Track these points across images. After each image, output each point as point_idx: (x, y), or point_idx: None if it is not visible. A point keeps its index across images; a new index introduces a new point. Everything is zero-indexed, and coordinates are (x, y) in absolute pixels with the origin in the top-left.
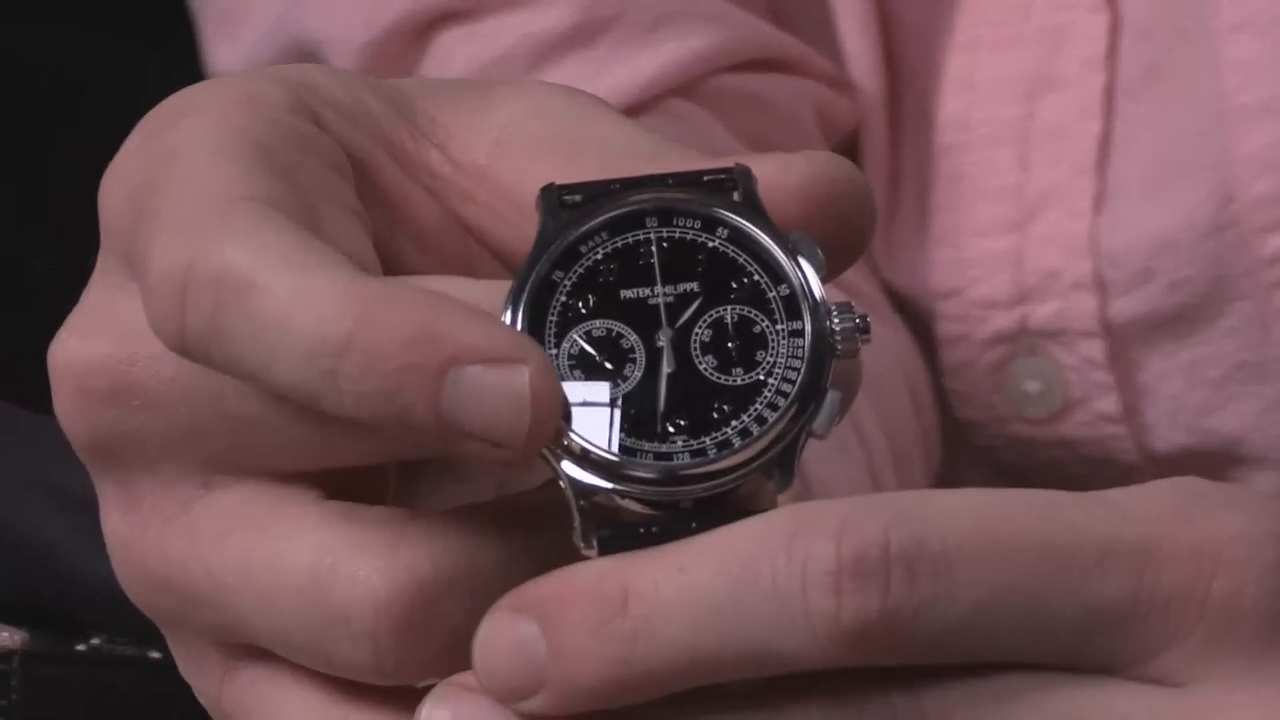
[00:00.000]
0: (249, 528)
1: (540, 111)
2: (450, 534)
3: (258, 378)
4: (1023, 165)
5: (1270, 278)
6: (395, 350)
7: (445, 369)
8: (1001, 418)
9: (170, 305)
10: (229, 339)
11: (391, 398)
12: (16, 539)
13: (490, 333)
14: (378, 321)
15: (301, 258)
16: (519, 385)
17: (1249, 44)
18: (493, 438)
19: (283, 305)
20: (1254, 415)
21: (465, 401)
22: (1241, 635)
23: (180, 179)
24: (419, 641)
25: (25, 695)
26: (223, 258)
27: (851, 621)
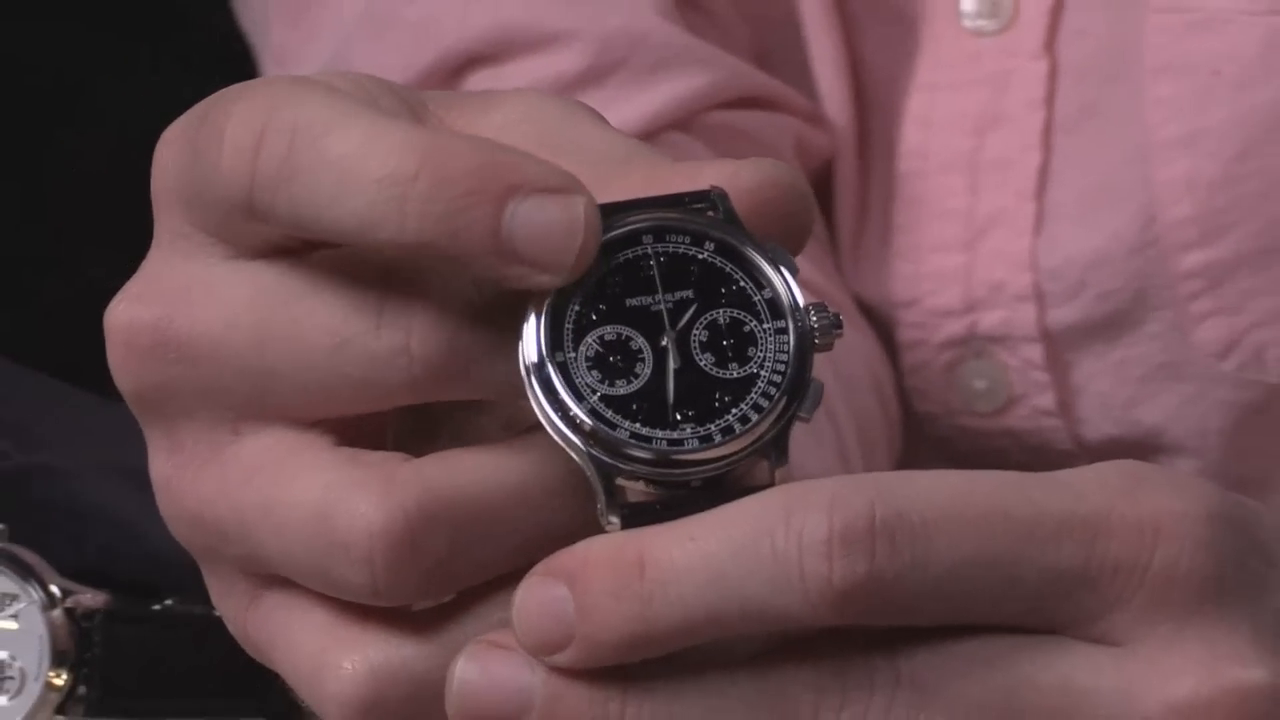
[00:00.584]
0: (270, 470)
1: (532, 115)
2: (438, 474)
3: (321, 216)
4: (972, 191)
5: (1187, 290)
6: (462, 178)
7: (508, 195)
8: (954, 411)
9: (244, 152)
10: (299, 179)
11: (455, 219)
12: (99, 515)
13: (548, 169)
14: (446, 155)
15: (371, 111)
16: (575, 213)
17: (1169, 84)
18: (544, 262)
19: (357, 143)
20: (1174, 409)
21: (523, 225)
22: (1175, 601)
23: (243, 89)
24: (409, 567)
25: (106, 650)
26: (300, 109)
27: (841, 583)
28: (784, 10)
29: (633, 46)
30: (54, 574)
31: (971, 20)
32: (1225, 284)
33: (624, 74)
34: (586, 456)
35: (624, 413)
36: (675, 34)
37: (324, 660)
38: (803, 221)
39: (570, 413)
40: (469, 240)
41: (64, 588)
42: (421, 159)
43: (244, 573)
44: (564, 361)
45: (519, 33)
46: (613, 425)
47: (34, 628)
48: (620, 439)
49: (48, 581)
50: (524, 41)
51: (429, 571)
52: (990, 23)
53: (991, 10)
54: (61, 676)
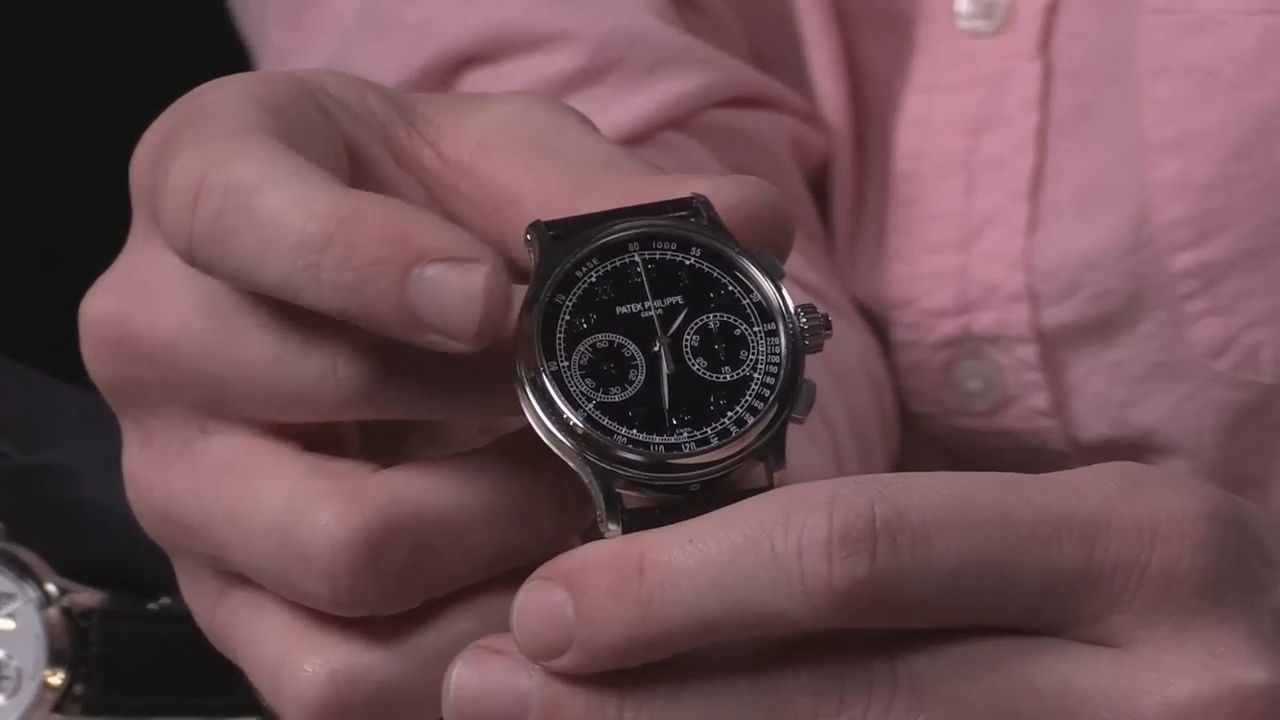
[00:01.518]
0: (236, 472)
1: (520, 118)
2: (401, 488)
3: (251, 274)
4: (967, 192)
5: (1180, 290)
6: (369, 247)
7: (410, 265)
8: (949, 411)
9: (183, 209)
10: (230, 238)
11: (362, 289)
12: (97, 513)
13: (453, 237)
14: (358, 222)
15: (301, 171)
16: (473, 283)
17: (1165, 86)
18: (449, 329)
19: (279, 206)
20: (1168, 409)
21: (425, 296)
22: (1174, 602)
23: (203, 119)
24: (370, 580)
25: (104, 647)
26: (233, 168)
27: (841, 584)
28: (780, 11)
29: (629, 46)
30: (51, 573)
31: (967, 21)
32: (1219, 284)
33: (621, 74)
34: (584, 464)
35: (620, 419)
36: (672, 34)
37: (285, 661)
38: (781, 240)
39: (567, 421)
40: (377, 309)
41: (61, 586)
42: (335, 226)
43: (211, 569)
44: (558, 370)
45: (516, 32)
46: (609, 432)
47: (31, 627)
48: (617, 445)
49: (44, 580)
50: (521, 41)
51: (390, 584)
52: (985, 24)
53: (986, 12)
54: (58, 675)
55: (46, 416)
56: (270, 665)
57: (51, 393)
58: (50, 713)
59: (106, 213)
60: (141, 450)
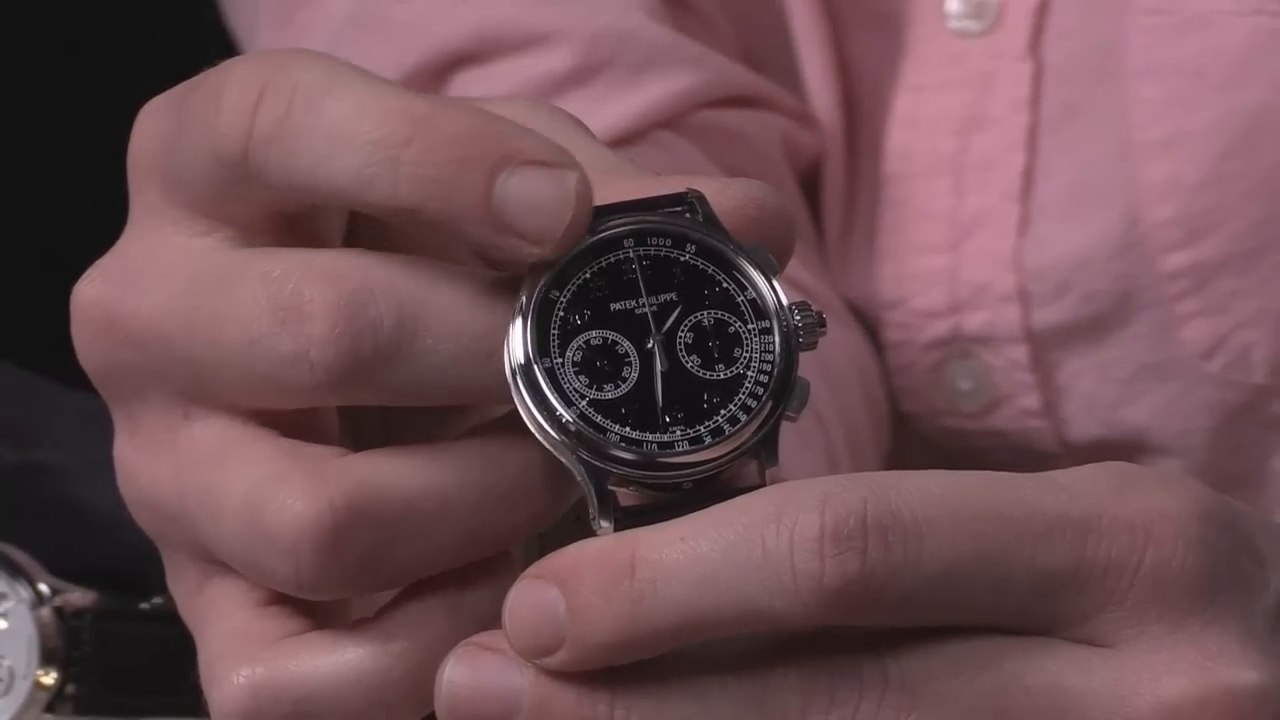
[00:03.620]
0: (213, 456)
1: (522, 122)
2: (368, 471)
3: (314, 175)
4: (957, 192)
5: (1170, 291)
6: (455, 144)
7: (500, 165)
8: (939, 411)
9: (243, 110)
10: (295, 138)
11: (446, 184)
12: (90, 514)
13: (542, 142)
14: (441, 121)
15: (369, 76)
16: (567, 187)
17: (1154, 86)
18: (534, 233)
19: (354, 105)
20: (1159, 409)
21: (514, 195)
22: (1166, 602)
23: (234, 62)
24: (333, 562)
25: (95, 647)
26: (301, 71)
27: (833, 582)
28: (772, 10)
29: (620, 46)
30: (43, 572)
31: (957, 21)
32: (1209, 285)
33: (612, 73)
34: (577, 461)
35: (613, 417)
36: (663, 33)
37: (216, 665)
38: (784, 243)
39: (560, 418)
40: (459, 206)
41: (53, 586)
42: (416, 123)
43: (193, 557)
44: (551, 367)
45: (506, 32)
46: (602, 429)
47: (23, 626)
48: (610, 443)
49: (37, 580)
50: (511, 41)
51: (354, 567)
52: (975, 24)
53: (977, 12)
54: (50, 675)
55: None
56: (205, 664)
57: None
58: (42, 712)
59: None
60: (130, 438)
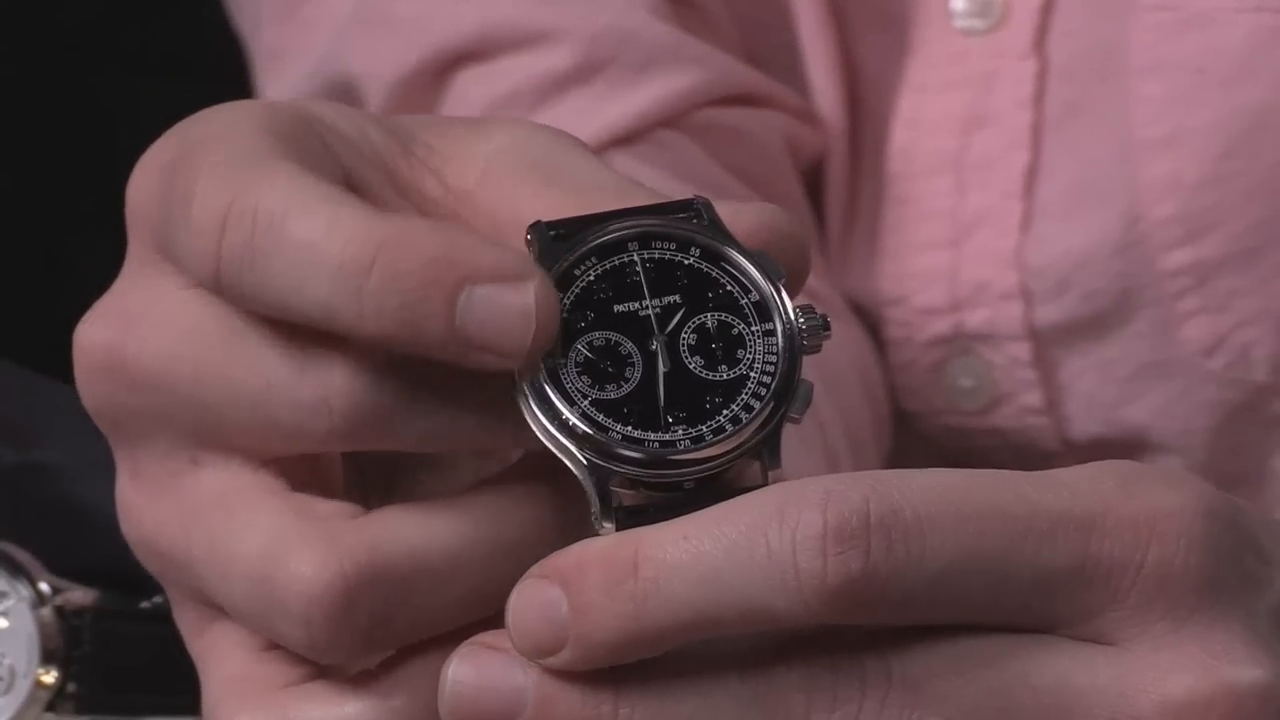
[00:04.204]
0: (220, 508)
1: (525, 146)
2: (380, 535)
3: (285, 301)
4: (959, 191)
5: (1171, 289)
6: (416, 269)
7: (459, 286)
8: (940, 410)
9: (209, 237)
10: (262, 265)
11: (410, 312)
12: (90, 513)
13: (498, 256)
14: (401, 245)
15: (332, 196)
16: (525, 301)
17: (1155, 84)
18: (499, 348)
19: (316, 231)
20: (1160, 407)
21: (476, 316)
22: (1170, 599)
23: (216, 147)
24: (346, 629)
25: (96, 646)
26: (261, 194)
27: (836, 580)
28: (775, 9)
29: (622, 44)
30: (43, 571)
31: (963, 20)
32: (1210, 283)
33: (614, 71)
34: (579, 460)
35: (615, 416)
36: (665, 31)
37: (218, 710)
38: (800, 266)
39: (562, 417)
40: (426, 332)
41: (54, 585)
42: (376, 249)
43: (194, 599)
44: (554, 367)
45: (508, 30)
46: (604, 429)
47: (23, 625)
48: (612, 442)
49: (37, 579)
50: (513, 39)
51: (365, 631)
52: (981, 22)
53: (982, 10)
54: (51, 674)
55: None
56: (208, 708)
57: (45, 392)
58: (43, 711)
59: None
60: (133, 479)
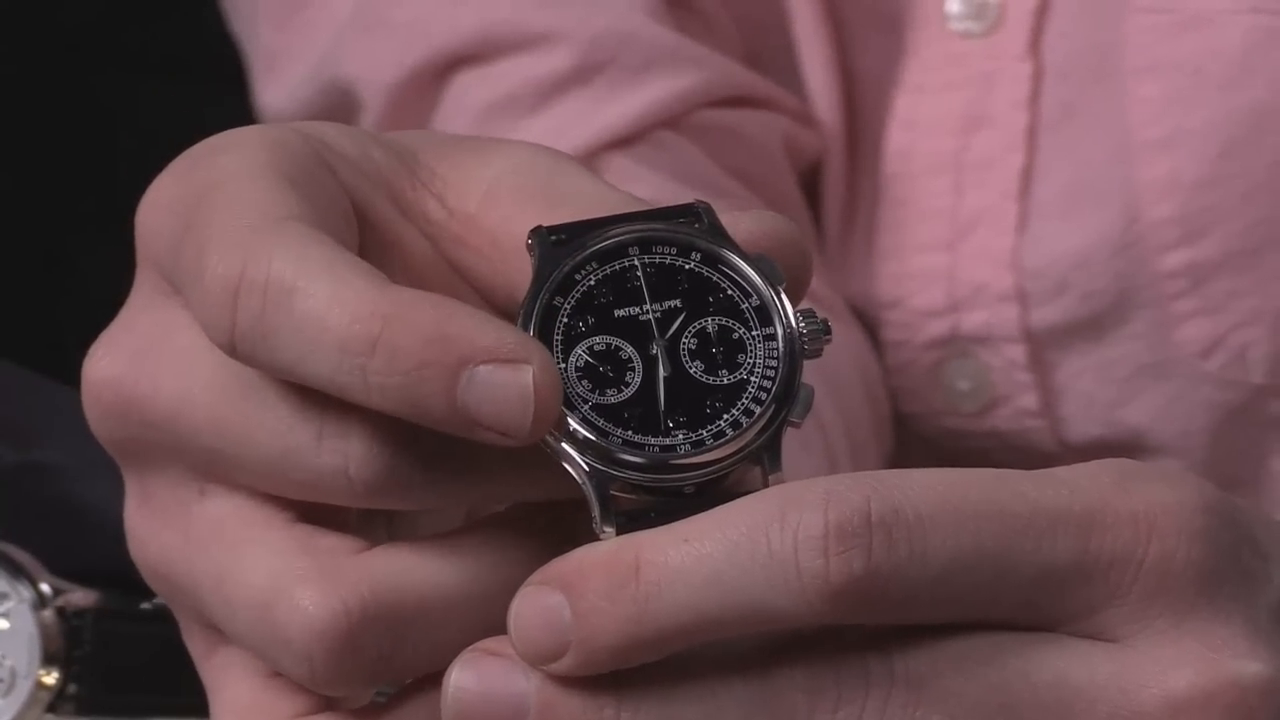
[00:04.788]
0: (226, 540)
1: (526, 168)
2: (383, 571)
3: (296, 371)
4: (956, 192)
5: (1169, 289)
6: (417, 349)
7: (460, 367)
8: (938, 411)
9: (223, 309)
10: (273, 337)
11: (412, 391)
12: (91, 513)
13: (499, 335)
14: (402, 323)
15: (337, 267)
16: (524, 382)
17: (1152, 85)
18: (500, 428)
19: (321, 306)
20: (1156, 409)
21: (477, 396)
22: (1170, 595)
23: (226, 201)
24: (348, 664)
25: (97, 647)
26: (271, 266)
27: (838, 580)
28: (773, 11)
29: (620, 46)
30: (44, 572)
31: (958, 23)
32: (1208, 284)
33: (612, 73)
34: (580, 465)
35: (616, 421)
36: (663, 33)
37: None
38: (801, 273)
39: (562, 422)
40: (428, 411)
41: (55, 586)
42: (379, 328)
43: (200, 624)
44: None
45: (507, 32)
46: (605, 433)
47: (24, 627)
48: (613, 446)
49: (38, 580)
50: (511, 41)
51: (368, 666)
52: (977, 25)
53: (978, 13)
54: (52, 675)
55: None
56: None
57: (46, 393)
58: (44, 712)
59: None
60: (141, 505)
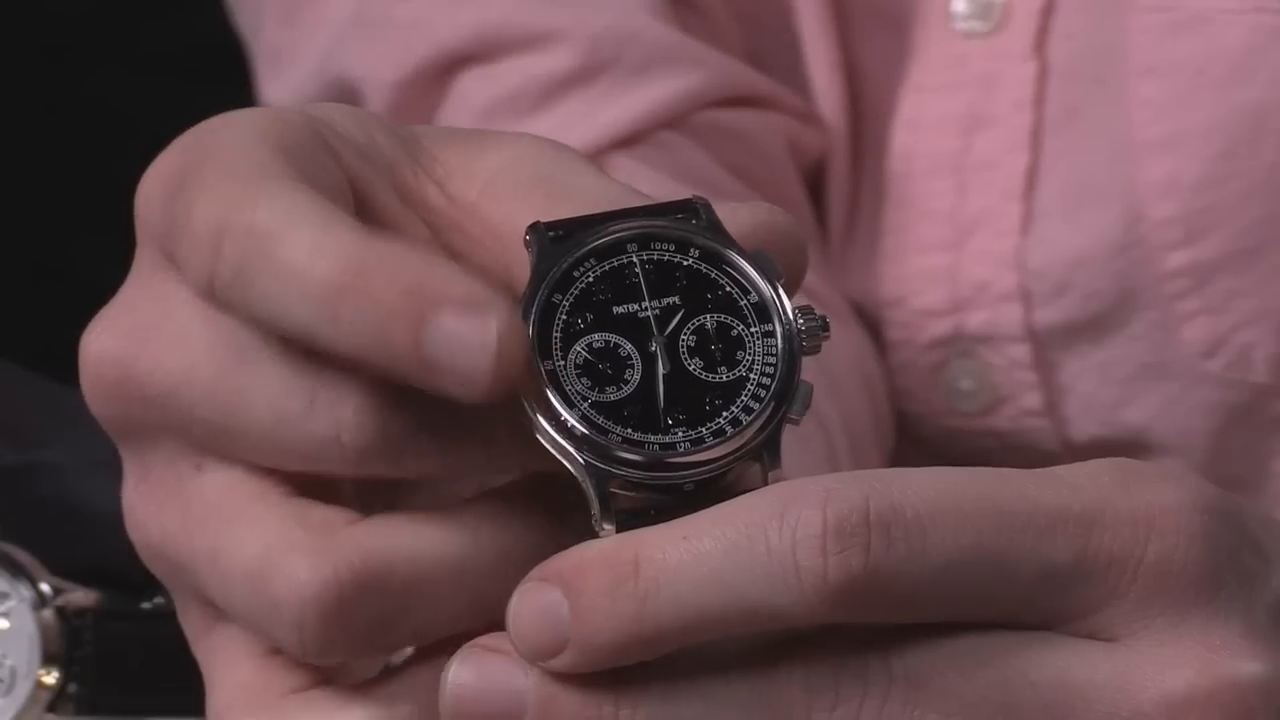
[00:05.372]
0: (222, 514)
1: (527, 159)
2: (376, 540)
3: (274, 317)
4: (959, 192)
5: (1172, 290)
6: (386, 297)
7: (425, 315)
8: (939, 412)
9: (205, 255)
10: (252, 284)
11: (379, 338)
12: (90, 513)
13: (467, 287)
14: (374, 272)
15: (320, 217)
16: (487, 334)
17: (1152, 85)
18: (461, 379)
19: (299, 255)
20: (1159, 409)
21: (440, 345)
22: (1170, 595)
23: (218, 160)
24: (339, 632)
25: (98, 646)
26: (254, 214)
27: (837, 578)
28: (777, 10)
29: (623, 45)
30: (44, 572)
31: (963, 22)
32: (1210, 284)
33: (615, 73)
34: (579, 463)
35: (615, 418)
36: (666, 33)
37: (223, 718)
38: (796, 265)
39: (561, 419)
40: (394, 358)
41: (55, 586)
42: (352, 276)
43: (198, 602)
44: (553, 369)
45: (509, 32)
46: (604, 431)
47: (25, 626)
48: (612, 444)
49: (38, 580)
50: (514, 40)
51: (361, 636)
52: (981, 24)
53: (983, 12)
54: (52, 675)
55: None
56: (212, 714)
57: (46, 393)
58: (44, 712)
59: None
60: (139, 484)
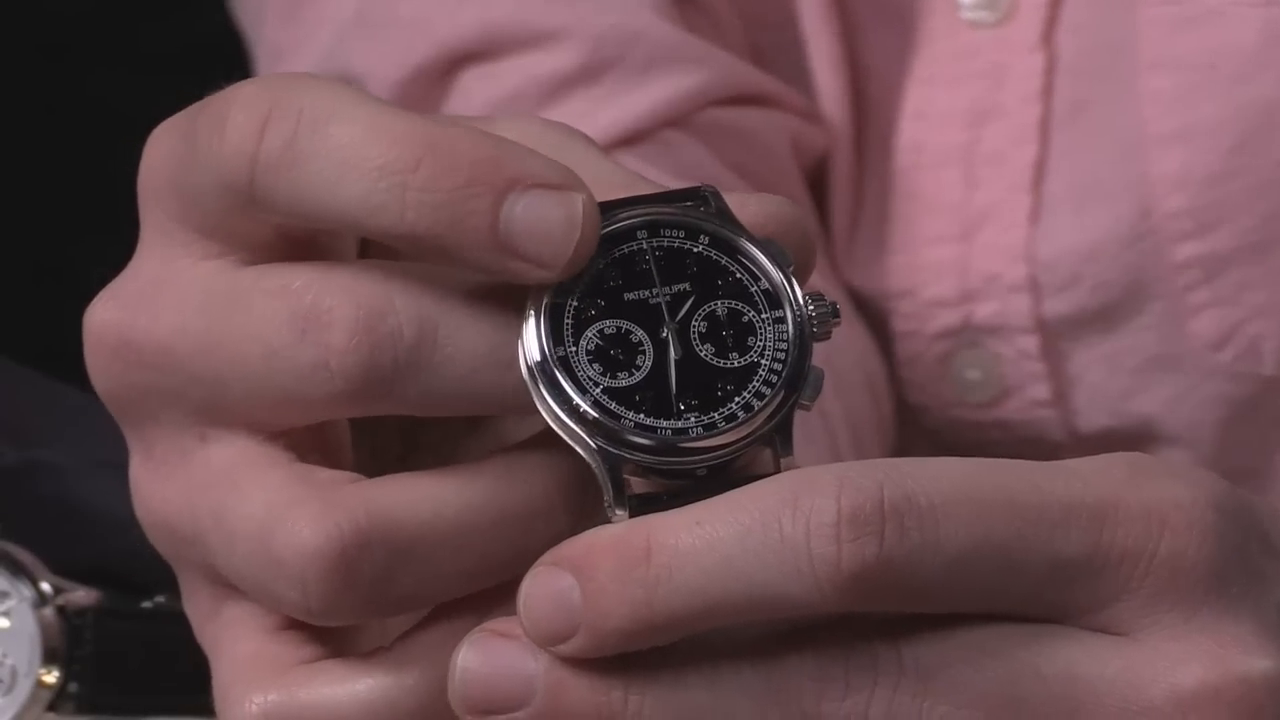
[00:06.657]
0: (226, 480)
1: (535, 143)
2: (379, 498)
3: (323, 200)
4: (968, 184)
5: (1182, 281)
6: (463, 169)
7: (507, 189)
8: (947, 403)
9: (249, 135)
10: (303, 162)
11: (453, 209)
12: (91, 513)
13: (546, 164)
14: (448, 146)
15: (376, 101)
16: (573, 208)
17: (1164, 79)
18: (540, 257)
19: (361, 130)
20: (1168, 400)
21: (521, 220)
22: (1180, 591)
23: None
24: (342, 589)
25: (98, 646)
26: (306, 95)
27: (850, 567)
28: (781, 8)
29: (627, 44)
30: (45, 571)
31: (971, 12)
32: (1221, 276)
33: (618, 72)
34: (592, 448)
35: (627, 404)
36: (670, 31)
37: (230, 691)
38: (805, 256)
39: (575, 405)
40: (466, 232)
41: (55, 585)
42: (423, 148)
43: (208, 579)
44: (565, 356)
45: (512, 30)
46: (617, 416)
47: (25, 625)
48: (625, 429)
49: (39, 579)
50: (517, 39)
51: (364, 594)
52: (989, 15)
53: (990, 3)
54: (53, 674)
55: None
56: (219, 688)
57: (47, 391)
58: (44, 711)
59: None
60: (144, 460)
